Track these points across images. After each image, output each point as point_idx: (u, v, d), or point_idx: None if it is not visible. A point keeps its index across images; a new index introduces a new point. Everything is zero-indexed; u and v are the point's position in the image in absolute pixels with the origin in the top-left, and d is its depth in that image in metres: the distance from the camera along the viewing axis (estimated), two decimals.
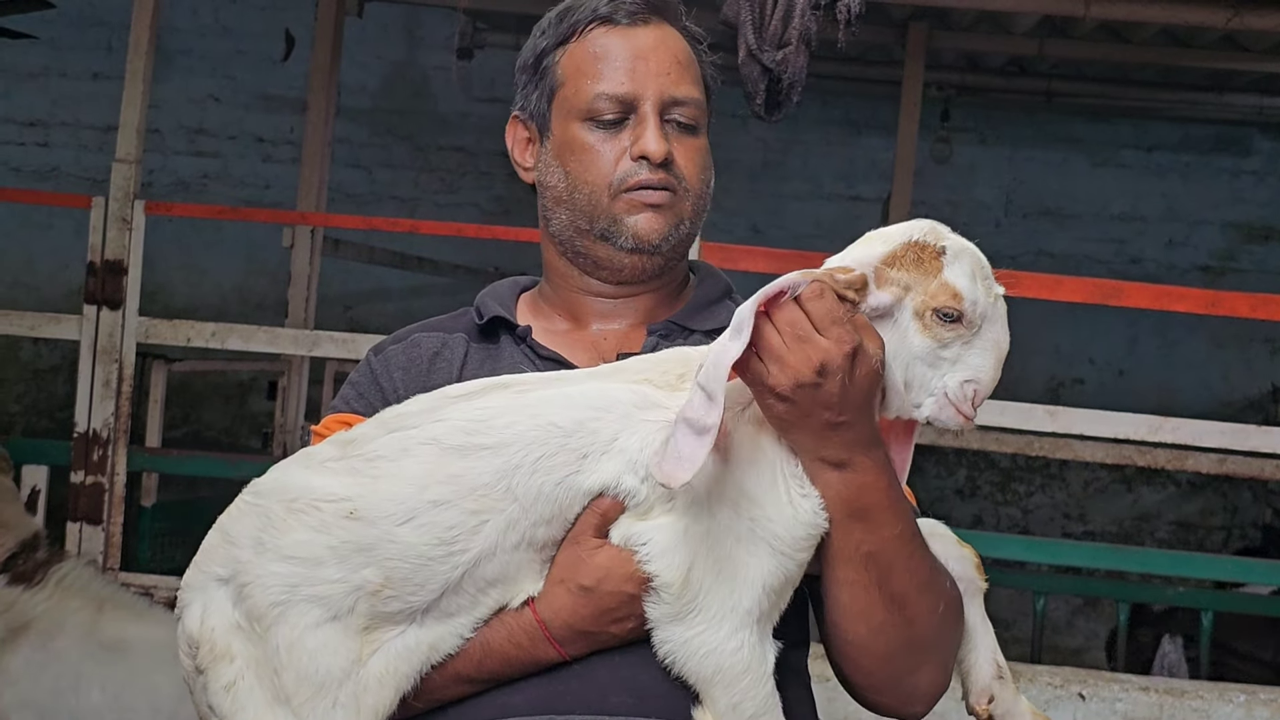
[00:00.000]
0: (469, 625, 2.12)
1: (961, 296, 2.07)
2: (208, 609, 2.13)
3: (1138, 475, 10.42)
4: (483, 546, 2.08)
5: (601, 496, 2.09)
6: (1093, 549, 6.59)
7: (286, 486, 2.14)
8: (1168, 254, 10.59)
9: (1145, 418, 5.19)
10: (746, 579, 2.05)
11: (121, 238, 5.33)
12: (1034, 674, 4.98)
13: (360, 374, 2.49)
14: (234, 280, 10.29)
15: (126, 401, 5.31)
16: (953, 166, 10.26)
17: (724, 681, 2.06)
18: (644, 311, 2.48)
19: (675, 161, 2.39)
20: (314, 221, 6.61)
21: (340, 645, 2.07)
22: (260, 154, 10.55)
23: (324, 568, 2.07)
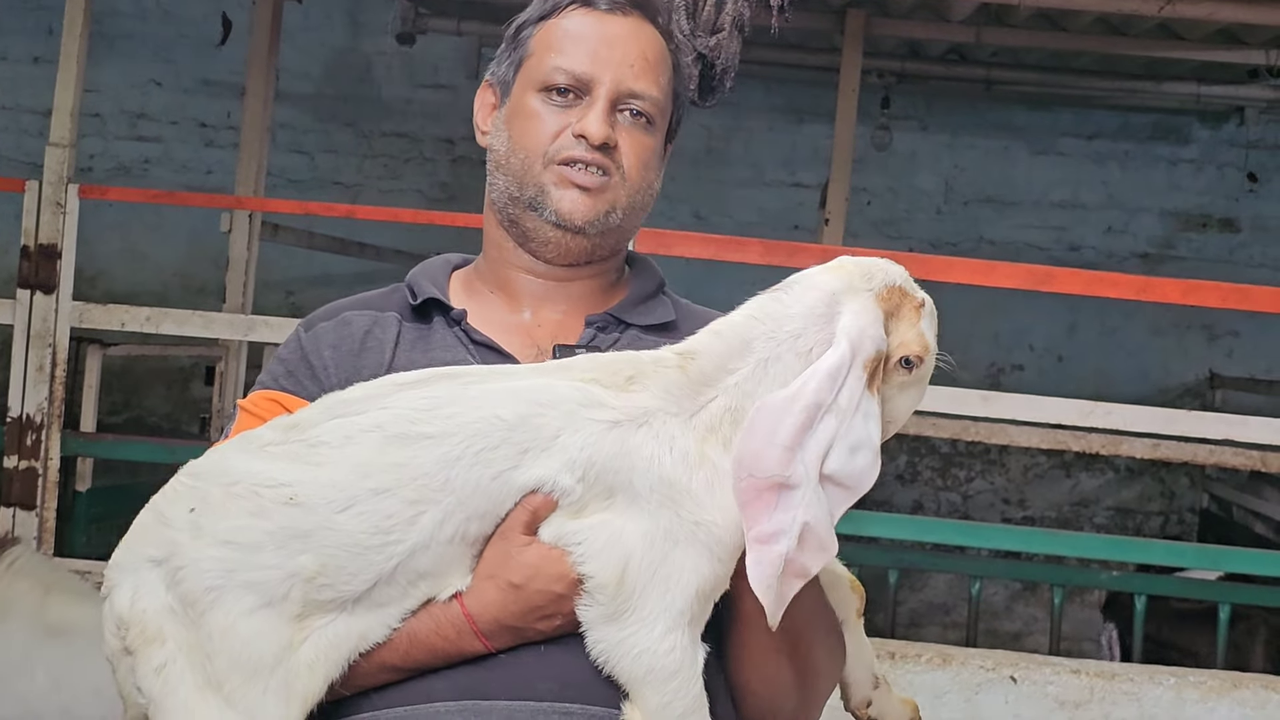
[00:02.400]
0: (397, 616, 2.12)
1: (929, 349, 2.15)
2: (139, 590, 2.11)
3: (1076, 461, 10.50)
4: (418, 538, 2.08)
5: (534, 493, 2.09)
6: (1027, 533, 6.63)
7: (226, 470, 2.13)
8: (1107, 241, 10.65)
9: (1078, 403, 5.24)
10: (681, 581, 2.07)
11: (55, 221, 5.32)
12: (965, 657, 5.01)
13: (289, 350, 2.48)
14: (175, 265, 10.25)
15: (60, 386, 5.30)
16: (893, 154, 10.30)
17: (655, 682, 2.08)
18: (578, 300, 2.49)
19: (618, 149, 2.41)
20: (250, 206, 6.60)
21: (273, 632, 2.06)
22: (202, 139, 10.52)
23: (261, 553, 2.06)
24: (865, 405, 2.06)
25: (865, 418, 2.06)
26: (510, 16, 2.57)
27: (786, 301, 2.14)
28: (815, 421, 2.04)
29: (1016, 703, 4.88)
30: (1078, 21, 7.57)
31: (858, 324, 2.09)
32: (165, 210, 9.94)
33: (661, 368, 2.15)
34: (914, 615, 10.30)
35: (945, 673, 4.92)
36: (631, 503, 2.08)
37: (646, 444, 2.09)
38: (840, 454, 2.04)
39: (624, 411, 2.10)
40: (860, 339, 2.08)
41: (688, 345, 2.18)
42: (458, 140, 10.36)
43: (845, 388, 2.05)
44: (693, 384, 2.13)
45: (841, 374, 2.05)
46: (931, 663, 4.98)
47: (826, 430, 2.04)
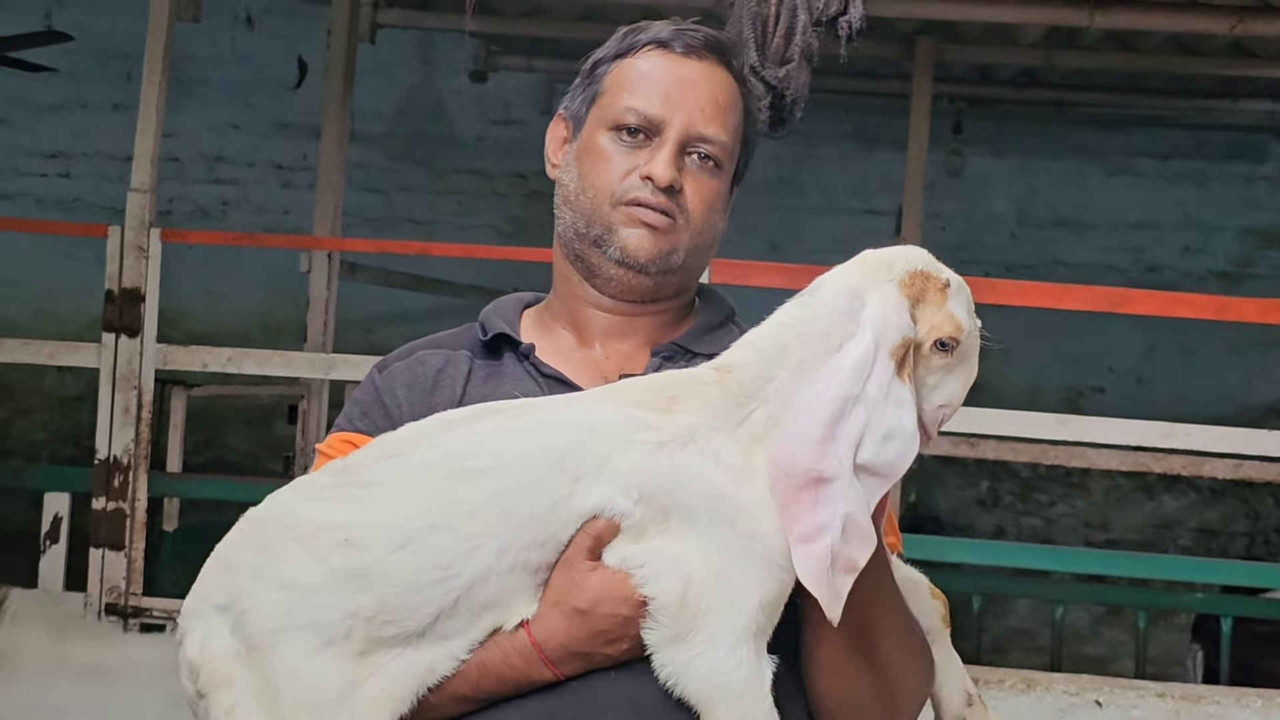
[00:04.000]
0: (465, 647, 2.15)
1: (962, 328, 2.16)
2: (208, 636, 2.17)
3: (1159, 483, 10.42)
4: (477, 570, 2.11)
5: (595, 519, 2.12)
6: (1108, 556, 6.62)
7: (283, 514, 2.19)
8: (1184, 261, 10.59)
9: (1156, 424, 5.23)
10: (743, 596, 2.09)
11: (138, 265, 5.40)
12: (1050, 682, 5.01)
13: (364, 392, 2.52)
14: (255, 306, 10.35)
15: (146, 427, 5.38)
16: (966, 179, 10.28)
17: (725, 700, 2.09)
18: (646, 332, 2.52)
19: (684, 192, 2.44)
20: (327, 246, 6.68)
21: (336, 670, 2.10)
22: (279, 180, 10.62)
23: (320, 594, 2.11)
24: (896, 393, 2.08)
25: (897, 405, 2.08)
26: (581, 53, 2.61)
27: (812, 303, 2.18)
28: (845, 414, 2.06)
29: None
30: (1148, 42, 7.55)
31: (880, 314, 2.11)
32: (244, 252, 10.03)
33: (701, 385, 2.18)
34: (998, 641, 10.24)
35: (1029, 698, 4.91)
36: (687, 522, 2.11)
37: (694, 462, 2.12)
38: (873, 443, 2.07)
39: (669, 432, 2.13)
40: (884, 328, 2.10)
41: (724, 359, 2.21)
42: (530, 175, 10.41)
43: (873, 377, 2.08)
44: (733, 397, 2.16)
45: (867, 364, 2.08)
46: (1015, 688, 4.98)
47: (857, 421, 2.06)
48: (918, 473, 10.24)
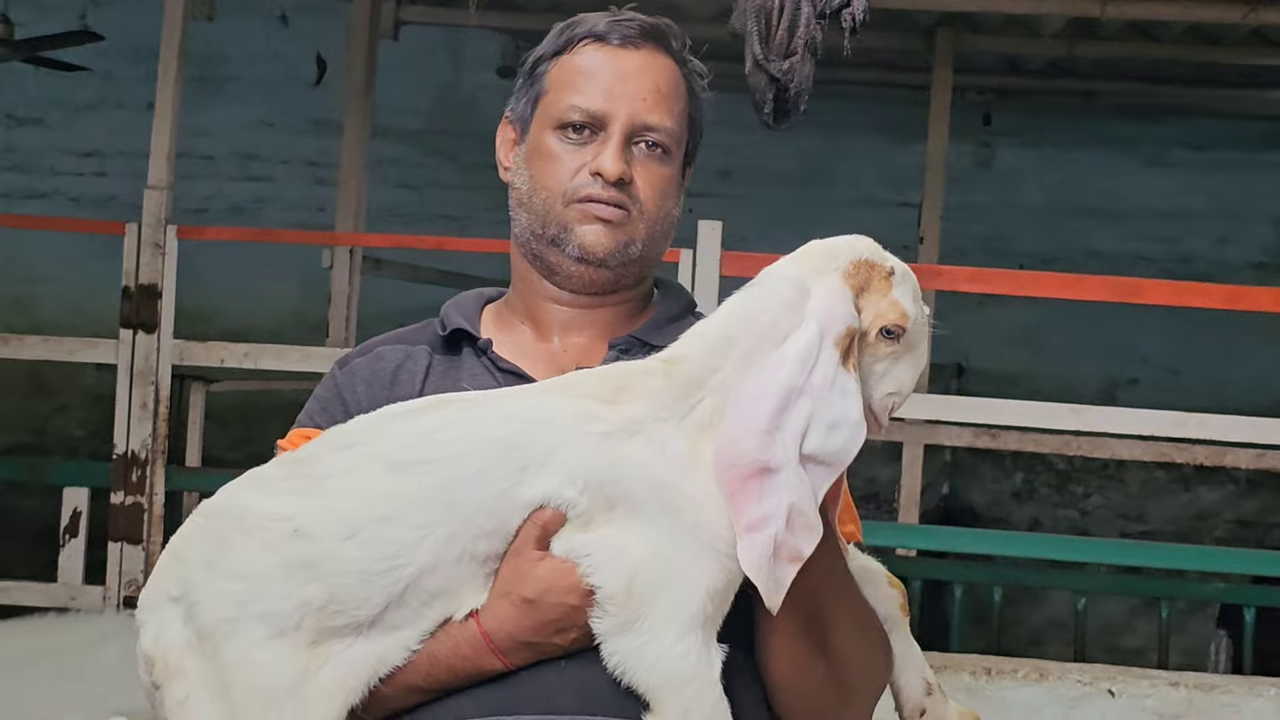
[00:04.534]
0: (415, 638, 2.17)
1: (908, 316, 2.16)
2: (162, 627, 2.19)
3: (1195, 474, 10.38)
4: (424, 560, 2.13)
5: (542, 508, 2.14)
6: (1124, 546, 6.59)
7: (235, 507, 2.21)
8: (1219, 251, 10.54)
9: (1170, 414, 5.21)
10: (690, 584, 2.10)
11: (155, 262, 5.45)
12: (1063, 671, 5.00)
13: (325, 388, 2.56)
14: (288, 303, 10.40)
15: (163, 423, 5.43)
16: (998, 170, 10.28)
17: (672, 688, 2.10)
18: (604, 325, 2.53)
19: (634, 183, 2.46)
20: (343, 241, 6.73)
21: (287, 660, 2.12)
22: (312, 177, 10.68)
23: (270, 585, 2.13)
24: (841, 382, 2.09)
25: (842, 395, 2.09)
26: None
27: (758, 294, 2.19)
28: (790, 404, 2.07)
29: (1114, 716, 4.86)
30: (1169, 32, 7.53)
31: (825, 304, 2.12)
32: (277, 249, 10.05)
33: (648, 376, 2.19)
34: (1035, 634, 10.22)
35: (1042, 688, 4.91)
36: (632, 512, 2.12)
37: (639, 452, 2.13)
38: (819, 433, 2.07)
39: (615, 423, 2.14)
40: (828, 318, 2.11)
41: (672, 351, 2.22)
42: None
43: (818, 367, 2.08)
44: (680, 388, 2.16)
45: (812, 354, 2.08)
46: (1028, 678, 4.97)
47: (802, 411, 2.07)
48: (951, 466, 10.25)
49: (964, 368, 10.27)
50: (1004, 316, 10.50)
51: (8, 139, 11.03)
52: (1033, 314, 10.47)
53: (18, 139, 11.02)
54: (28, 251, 10.62)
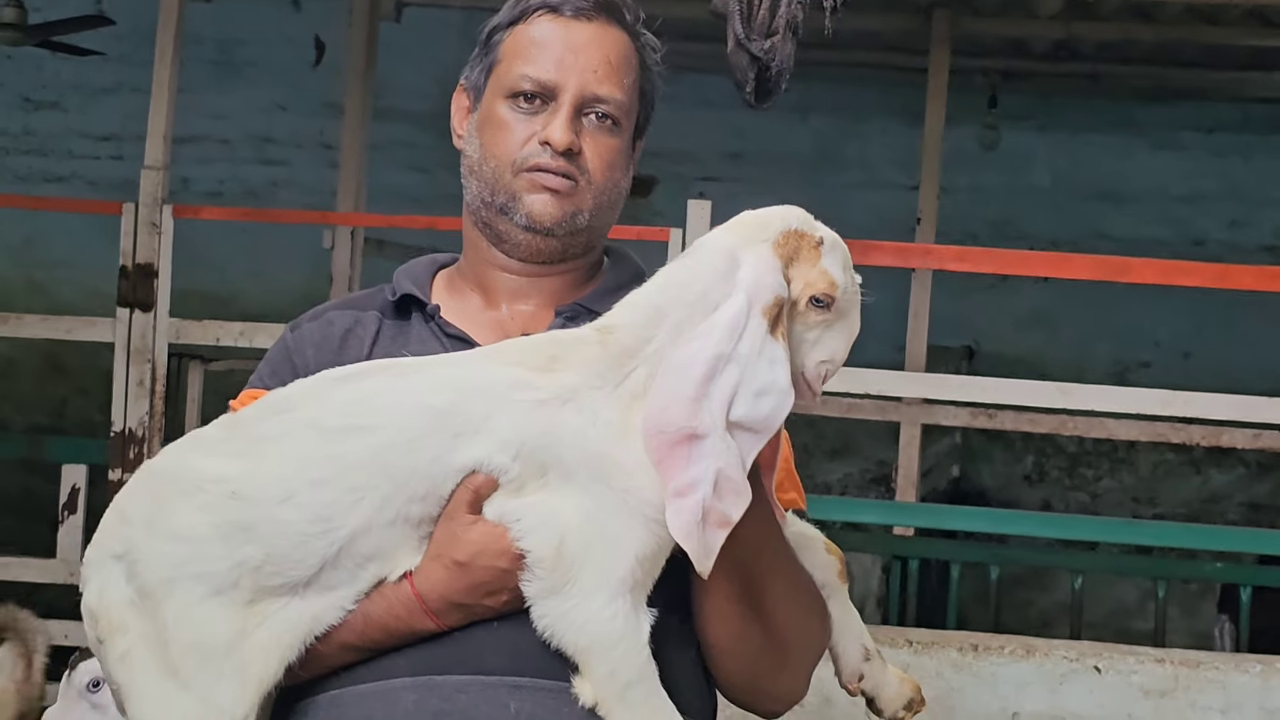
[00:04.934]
0: (350, 598, 2.21)
1: (836, 285, 2.18)
2: (104, 584, 2.24)
3: (1206, 457, 10.38)
4: (358, 523, 2.17)
5: (474, 474, 2.17)
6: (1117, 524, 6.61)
7: (175, 468, 2.25)
8: (1231, 234, 10.53)
9: (1159, 392, 5.24)
10: (619, 549, 2.13)
11: (152, 241, 5.50)
12: (1049, 648, 5.01)
13: (276, 351, 2.59)
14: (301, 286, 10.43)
15: (160, 400, 5.48)
16: (1010, 153, 10.27)
17: (599, 651, 2.14)
18: (551, 294, 2.56)
19: (583, 154, 2.48)
20: (336, 220, 6.79)
21: (224, 618, 2.17)
22: (326, 161, 10.70)
23: (208, 545, 2.17)
24: (769, 351, 2.12)
25: (770, 363, 2.11)
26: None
27: (690, 265, 2.21)
28: (717, 372, 2.10)
29: (1101, 692, 4.87)
30: (1166, 12, 7.53)
31: (753, 274, 2.14)
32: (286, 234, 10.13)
33: (582, 345, 2.21)
34: (1045, 615, 10.23)
35: (1029, 664, 4.92)
36: (564, 478, 2.15)
37: (571, 420, 2.15)
38: (746, 400, 2.10)
39: (549, 391, 2.16)
40: (757, 288, 2.13)
41: (606, 320, 2.24)
42: None
43: (746, 336, 2.11)
44: (613, 357, 2.19)
45: (739, 324, 2.11)
46: (1015, 654, 4.99)
47: (729, 379, 2.10)
48: (961, 449, 10.26)
49: (974, 351, 10.29)
50: (1015, 300, 10.52)
51: (25, 122, 11.12)
52: (1045, 297, 10.48)
53: (35, 123, 11.11)
54: (46, 235, 10.72)
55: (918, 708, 2.45)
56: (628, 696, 2.16)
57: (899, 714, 2.43)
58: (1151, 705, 4.85)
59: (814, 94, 10.33)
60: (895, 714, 2.43)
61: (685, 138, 10.43)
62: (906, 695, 2.44)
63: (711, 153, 10.52)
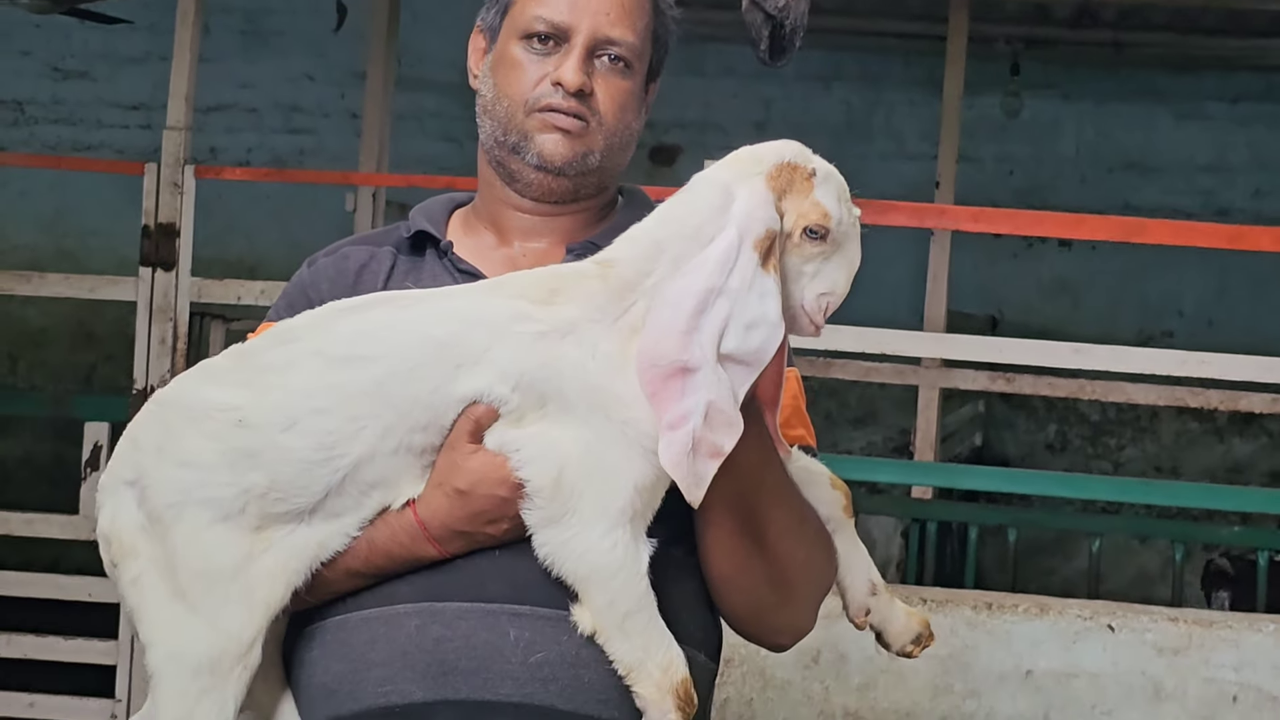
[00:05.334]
0: (355, 525, 2.26)
1: (830, 216, 2.21)
2: (117, 509, 2.29)
3: (1229, 426, 10.38)
4: (361, 451, 2.22)
5: (475, 404, 2.22)
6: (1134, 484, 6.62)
7: (184, 396, 2.31)
8: (1255, 204, 10.51)
9: (1177, 353, 5.25)
10: (617, 480, 2.18)
11: (174, 201, 5.54)
12: (1063, 606, 5.01)
13: (292, 285, 2.63)
14: None
15: (181, 358, 5.52)
16: (1035, 122, 10.26)
17: (598, 580, 2.19)
18: (563, 232, 2.60)
19: (595, 95, 2.52)
20: (358, 181, 6.84)
21: (231, 544, 2.22)
22: (354, 129, 10.72)
23: (215, 472, 2.22)
24: (759, 284, 2.15)
25: (760, 296, 2.14)
26: None
27: (687, 200, 2.25)
28: (708, 306, 2.13)
29: (1114, 650, 4.87)
30: None
31: (745, 207, 2.18)
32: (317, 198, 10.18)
33: (583, 278, 2.26)
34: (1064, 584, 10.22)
35: (1043, 622, 4.93)
36: (563, 410, 2.19)
37: (571, 352, 2.20)
38: (736, 333, 2.13)
39: (549, 323, 2.21)
40: (748, 221, 2.16)
41: (606, 254, 2.28)
42: None
43: (736, 270, 2.14)
44: (613, 291, 2.23)
45: (730, 258, 2.14)
46: (1029, 612, 5.00)
47: (719, 312, 2.13)
48: (984, 417, 10.27)
49: (998, 320, 10.29)
50: (1040, 268, 10.53)
51: (54, 91, 11.18)
52: (1068, 267, 10.49)
53: (64, 91, 11.17)
54: (75, 204, 10.78)
55: (926, 642, 2.48)
56: (626, 626, 2.20)
57: (907, 648, 2.47)
58: (1165, 663, 4.85)
59: (838, 63, 10.36)
60: (903, 648, 2.47)
61: (709, 107, 10.46)
62: (914, 630, 2.47)
63: (735, 122, 10.53)
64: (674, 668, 2.22)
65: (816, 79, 10.13)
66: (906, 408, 10.05)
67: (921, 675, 4.86)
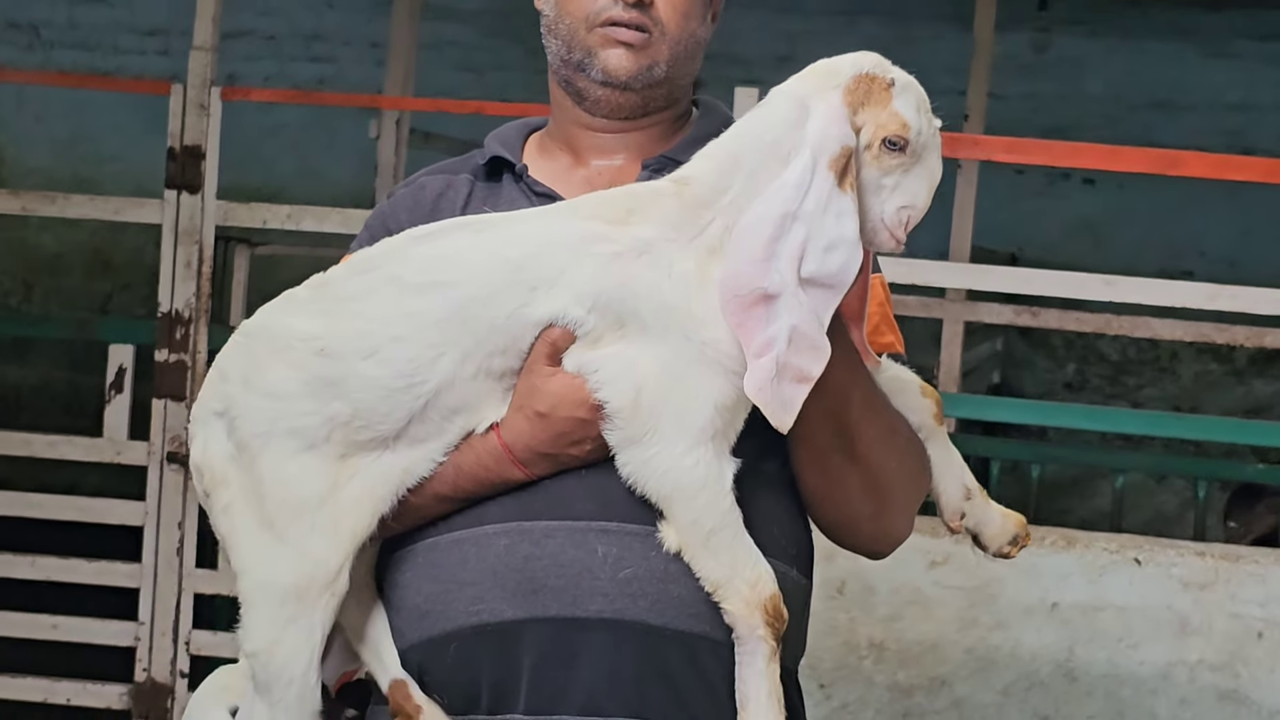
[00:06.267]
0: (440, 450, 2.30)
1: (909, 126, 2.21)
2: (208, 439, 2.36)
3: (1249, 367, 10.34)
4: (441, 377, 2.25)
5: (551, 327, 2.23)
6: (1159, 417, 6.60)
7: (268, 327, 2.36)
8: None
9: (1204, 286, 5.25)
10: (697, 399, 2.20)
11: (200, 123, 5.50)
12: (1090, 540, 5.03)
13: (373, 218, 2.67)
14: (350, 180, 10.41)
15: (207, 282, 5.50)
16: (1061, 60, 10.19)
17: (682, 498, 2.21)
18: (638, 148, 2.60)
19: (655, 6, 2.51)
20: (384, 104, 6.79)
21: (317, 472, 2.27)
22: (374, 59, 10.67)
23: (299, 401, 2.27)
24: (836, 204, 2.15)
25: (837, 216, 2.15)
26: None
27: (764, 114, 2.26)
28: (784, 231, 2.13)
29: (1141, 584, 4.89)
30: None
31: (820, 125, 2.18)
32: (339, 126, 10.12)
33: (659, 197, 2.27)
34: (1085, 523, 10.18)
35: (1070, 555, 4.94)
36: (641, 330, 2.21)
37: (646, 273, 2.21)
38: (815, 255, 2.14)
39: (624, 244, 2.22)
40: (822, 140, 2.17)
41: (683, 172, 2.30)
42: None
43: (812, 191, 2.14)
44: (689, 209, 2.24)
45: (805, 180, 2.15)
46: (1056, 545, 5.00)
47: (796, 237, 2.14)
48: (1002, 355, 10.24)
49: (1016, 257, 10.24)
50: (1061, 207, 10.47)
51: (71, 15, 11.10)
52: (1090, 206, 10.44)
53: (81, 16, 11.10)
54: (92, 130, 10.74)
55: (1024, 542, 2.51)
56: (712, 543, 2.22)
57: (1004, 549, 2.49)
58: (1191, 598, 4.86)
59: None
60: (1000, 549, 2.49)
61: (733, 40, 10.37)
62: (1011, 531, 2.49)
63: (759, 55, 10.46)
64: (762, 583, 2.24)
65: (841, 13, 10.05)
66: (925, 345, 10.04)
67: (948, 607, 4.88)
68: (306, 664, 2.28)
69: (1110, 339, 10.21)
